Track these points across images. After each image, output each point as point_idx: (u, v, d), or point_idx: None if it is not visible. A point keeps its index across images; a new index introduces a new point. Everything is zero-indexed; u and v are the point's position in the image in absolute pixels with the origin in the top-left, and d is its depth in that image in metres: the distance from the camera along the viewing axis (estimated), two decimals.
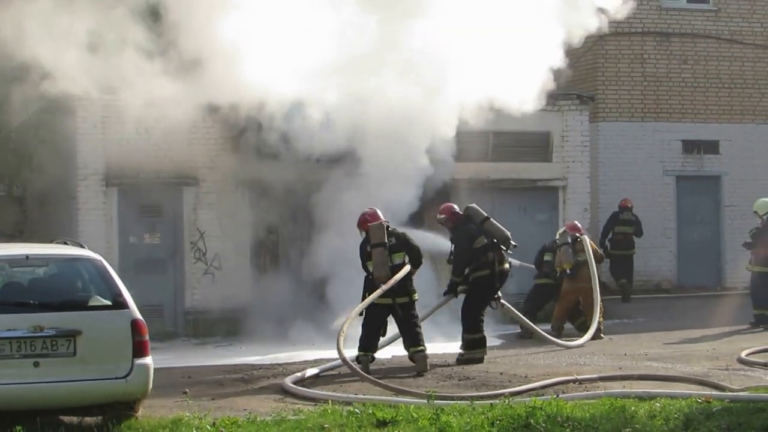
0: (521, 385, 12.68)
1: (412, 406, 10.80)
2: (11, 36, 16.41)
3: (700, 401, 10.91)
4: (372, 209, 14.77)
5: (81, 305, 10.38)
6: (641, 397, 11.24)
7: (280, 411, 10.79)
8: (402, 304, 14.23)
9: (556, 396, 11.38)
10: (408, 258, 14.38)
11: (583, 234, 18.38)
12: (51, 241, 12.35)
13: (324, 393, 12.44)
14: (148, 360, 10.30)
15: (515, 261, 17.41)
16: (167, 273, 19.11)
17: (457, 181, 20.08)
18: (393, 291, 14.05)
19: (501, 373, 14.00)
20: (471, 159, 20.22)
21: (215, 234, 19.15)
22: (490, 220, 15.44)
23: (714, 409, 10.43)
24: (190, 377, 13.98)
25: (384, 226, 14.37)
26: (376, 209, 14.78)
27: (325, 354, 15.65)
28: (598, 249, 19.20)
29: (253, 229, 19.30)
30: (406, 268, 14.23)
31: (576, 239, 18.08)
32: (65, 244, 11.63)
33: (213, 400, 12.16)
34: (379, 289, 13.93)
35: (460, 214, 15.58)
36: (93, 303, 10.39)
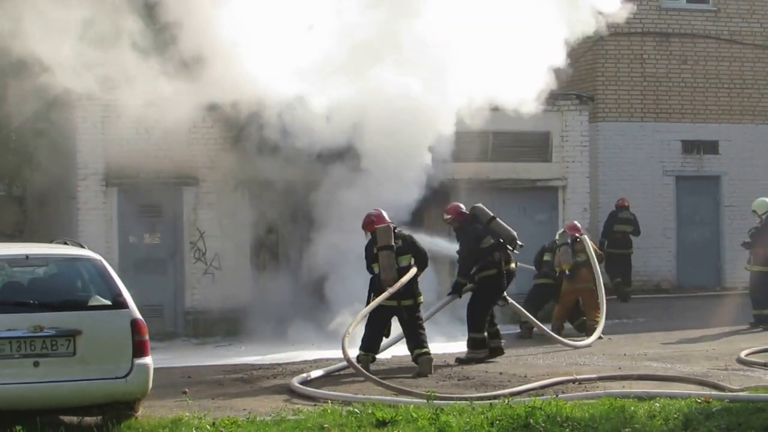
0: (521, 385, 12.68)
1: (411, 406, 10.79)
2: (8, 30, 16.40)
3: (699, 401, 10.91)
4: (377, 210, 14.72)
5: (81, 305, 10.38)
6: (641, 397, 11.24)
7: (279, 411, 10.79)
8: (407, 306, 14.19)
9: (555, 396, 11.37)
10: (414, 260, 14.35)
11: (583, 234, 18.39)
12: (51, 241, 12.35)
13: (325, 393, 12.43)
14: (147, 360, 10.30)
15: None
16: (167, 273, 19.10)
17: (457, 181, 20.09)
18: (399, 293, 14.01)
19: (500, 373, 14.01)
20: (471, 159, 20.23)
21: (215, 234, 19.14)
22: (496, 220, 15.41)
23: (713, 409, 10.43)
24: (189, 377, 13.98)
25: (391, 228, 14.32)
26: (381, 210, 14.72)
27: (325, 354, 15.65)
28: (597, 249, 19.20)
29: (253, 229, 19.28)
30: (412, 270, 14.18)
31: (575, 239, 18.09)
32: (65, 244, 11.63)
33: (213, 399, 12.16)
34: (386, 292, 13.89)
35: (466, 213, 15.56)
36: (93, 303, 10.40)
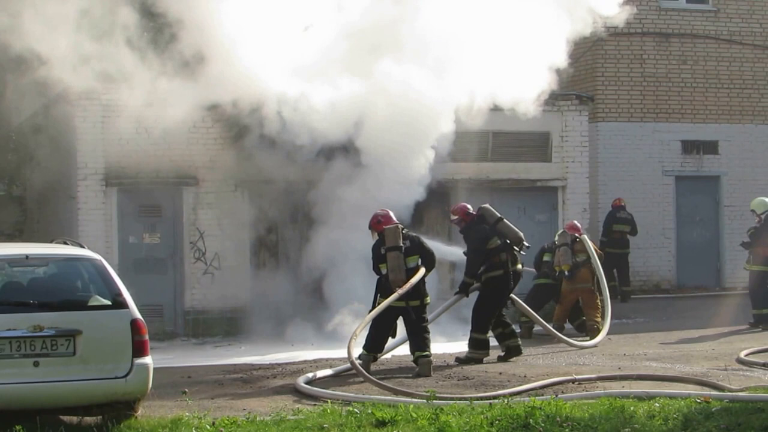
0: (520, 385, 12.68)
1: (411, 406, 10.78)
2: (7, 26, 16.40)
3: (699, 401, 10.90)
4: (384, 210, 14.69)
5: (81, 305, 10.39)
6: (640, 397, 11.23)
7: (279, 411, 10.79)
8: (415, 307, 14.17)
9: (555, 396, 11.37)
10: (421, 261, 14.32)
11: (583, 234, 18.38)
12: (51, 241, 12.36)
13: (326, 392, 12.43)
14: (147, 360, 10.31)
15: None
16: (167, 273, 19.10)
17: (457, 182, 20.10)
18: (407, 294, 13.98)
19: (500, 373, 14.01)
20: (471, 159, 20.25)
21: (215, 234, 19.14)
22: (503, 220, 15.38)
23: (713, 409, 10.43)
24: (189, 377, 13.98)
25: (399, 228, 14.30)
26: (388, 210, 14.71)
27: (325, 354, 15.67)
28: (598, 249, 19.20)
29: (253, 229, 19.28)
30: (421, 271, 14.16)
31: (575, 239, 18.09)
32: (65, 243, 11.64)
33: (212, 399, 12.16)
34: (396, 294, 13.86)
35: (473, 214, 15.55)
36: (93, 303, 10.40)
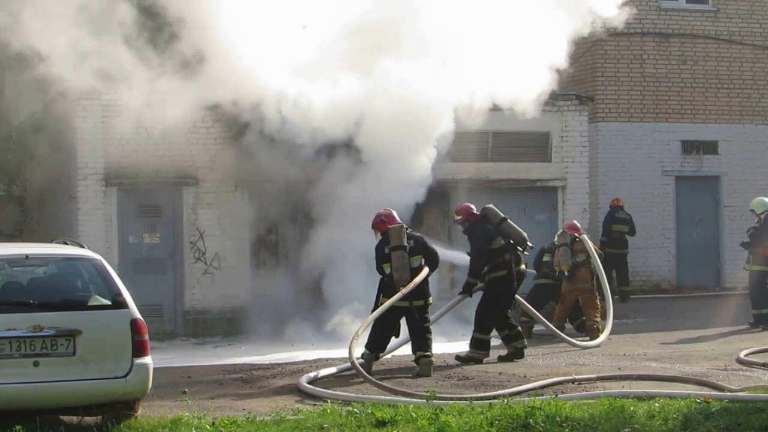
0: (520, 385, 12.68)
1: (411, 405, 10.78)
2: (7, 24, 16.40)
3: (698, 401, 10.90)
4: (387, 210, 14.69)
5: (81, 305, 10.39)
6: (640, 397, 11.23)
7: (279, 411, 10.79)
8: (419, 306, 14.17)
9: (555, 396, 11.37)
10: (425, 261, 14.31)
11: (582, 234, 18.38)
12: (51, 241, 12.37)
13: (327, 392, 12.43)
14: (147, 360, 10.31)
15: None
16: (167, 273, 19.10)
17: (457, 182, 20.10)
18: (411, 294, 13.98)
19: (500, 373, 14.01)
20: (470, 159, 20.25)
21: (215, 234, 19.14)
22: (507, 221, 15.36)
23: (713, 409, 10.43)
24: (189, 377, 13.98)
25: (404, 228, 14.31)
26: (391, 210, 14.72)
27: (325, 354, 15.67)
28: (598, 248, 19.20)
29: (253, 229, 19.28)
30: (424, 271, 14.16)
31: (575, 239, 18.10)
32: (65, 243, 11.64)
33: (212, 399, 12.16)
34: (399, 293, 13.85)
35: (476, 214, 15.54)
36: (93, 303, 10.41)
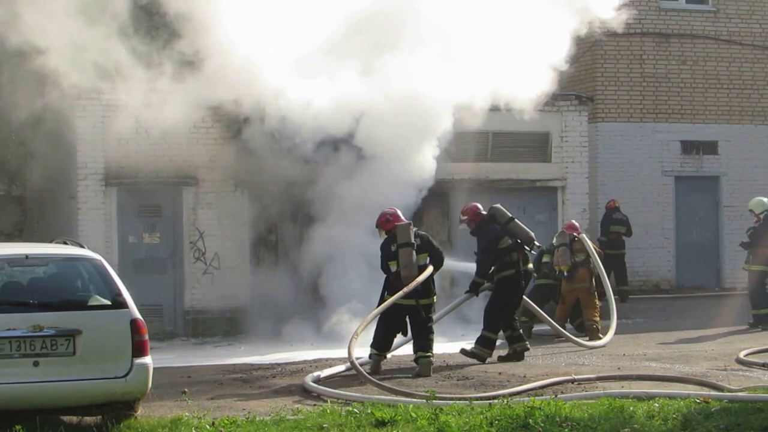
0: (520, 385, 12.67)
1: (411, 405, 10.79)
2: (7, 19, 16.40)
3: (698, 401, 10.91)
4: (392, 209, 14.68)
5: (80, 305, 10.39)
6: (640, 398, 11.24)
7: (279, 411, 10.80)
8: (425, 305, 14.17)
9: (554, 396, 11.37)
10: (430, 259, 14.30)
11: (581, 233, 18.39)
12: (51, 241, 12.36)
13: (329, 391, 12.44)
14: (147, 359, 10.32)
15: None
16: (167, 273, 19.11)
17: (456, 182, 20.11)
18: (417, 292, 13.96)
19: (500, 373, 14.01)
20: (470, 159, 20.25)
21: (214, 234, 19.15)
22: (514, 220, 15.37)
23: (712, 410, 10.44)
24: (189, 377, 13.98)
25: (411, 225, 14.32)
26: (396, 209, 14.72)
27: (324, 354, 15.67)
28: (597, 247, 19.21)
29: (253, 229, 19.29)
30: (429, 269, 14.15)
31: (574, 239, 18.10)
32: (65, 243, 11.64)
33: (212, 399, 12.17)
34: (401, 291, 13.83)
35: (483, 214, 15.55)
36: (92, 303, 10.41)
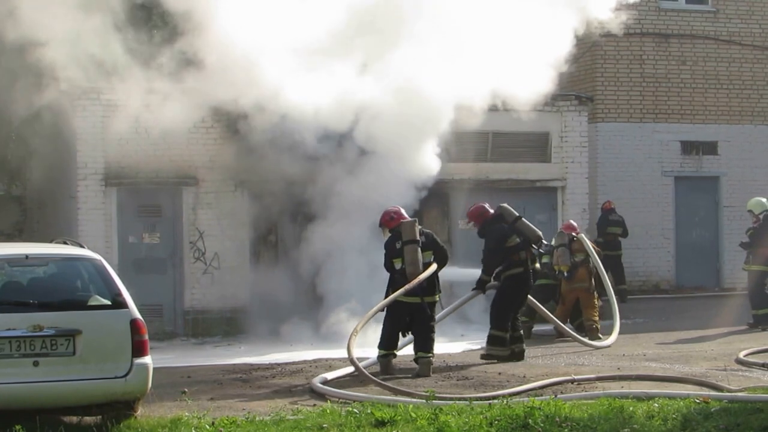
0: (520, 386, 12.67)
1: (410, 405, 10.79)
2: (5, 12, 16.41)
3: (698, 402, 10.91)
4: (395, 207, 14.72)
5: (80, 305, 10.39)
6: (639, 398, 11.24)
7: (279, 411, 10.80)
8: (430, 303, 14.17)
9: (554, 396, 11.37)
10: (434, 257, 14.29)
11: (580, 233, 18.39)
12: (51, 241, 12.36)
13: (330, 390, 12.44)
14: (147, 359, 10.32)
15: None
16: (166, 273, 19.12)
17: (456, 182, 20.11)
18: (423, 290, 13.98)
19: (499, 373, 14.01)
20: (470, 159, 20.26)
21: (214, 234, 19.15)
22: (522, 219, 15.39)
23: (712, 410, 10.44)
24: (189, 377, 13.98)
25: (416, 223, 14.33)
26: (399, 207, 14.75)
27: (324, 354, 15.67)
28: (596, 246, 19.22)
29: (252, 229, 19.29)
30: (432, 266, 14.15)
31: (573, 239, 18.11)
32: (65, 243, 11.65)
33: (212, 400, 12.16)
34: (402, 289, 13.83)
35: (490, 213, 15.58)
36: (92, 303, 10.41)
